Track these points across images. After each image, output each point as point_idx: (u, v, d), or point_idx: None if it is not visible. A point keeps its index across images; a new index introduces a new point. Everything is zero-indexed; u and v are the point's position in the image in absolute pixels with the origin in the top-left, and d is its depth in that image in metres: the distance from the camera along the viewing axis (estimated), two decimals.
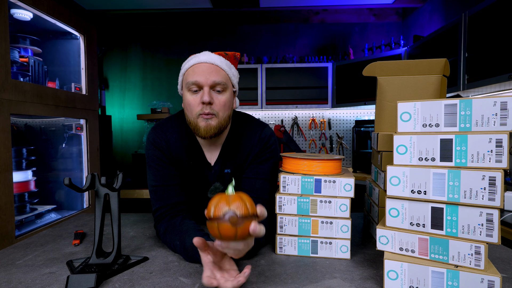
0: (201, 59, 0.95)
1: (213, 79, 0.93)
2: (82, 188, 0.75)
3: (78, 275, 0.69)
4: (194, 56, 0.97)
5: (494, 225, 0.61)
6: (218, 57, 0.97)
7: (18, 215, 1.68)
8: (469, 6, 2.37)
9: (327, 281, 0.72)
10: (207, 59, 0.95)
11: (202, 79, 0.93)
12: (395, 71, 1.04)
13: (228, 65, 0.98)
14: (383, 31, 3.60)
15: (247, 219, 0.59)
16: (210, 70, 0.94)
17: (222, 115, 0.96)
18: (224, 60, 0.98)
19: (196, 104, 0.94)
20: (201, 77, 0.93)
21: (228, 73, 0.98)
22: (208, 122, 0.94)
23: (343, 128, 3.58)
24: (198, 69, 0.94)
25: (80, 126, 2.13)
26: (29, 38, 1.87)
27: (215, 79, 0.93)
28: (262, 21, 3.66)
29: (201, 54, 0.97)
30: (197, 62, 0.95)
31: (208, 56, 0.95)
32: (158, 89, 3.71)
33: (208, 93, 0.92)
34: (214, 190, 1.05)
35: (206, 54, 0.96)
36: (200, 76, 0.93)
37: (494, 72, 1.69)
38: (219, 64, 0.96)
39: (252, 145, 1.04)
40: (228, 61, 1.00)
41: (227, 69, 0.97)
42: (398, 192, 0.69)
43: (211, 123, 0.94)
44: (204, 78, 0.93)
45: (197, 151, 1.05)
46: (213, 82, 0.93)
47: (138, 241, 0.99)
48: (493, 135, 0.60)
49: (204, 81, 0.92)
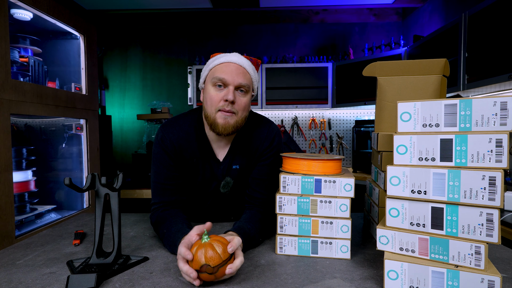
0: (232, 59, 0.99)
1: (240, 81, 0.97)
2: (82, 188, 0.75)
3: (79, 275, 0.69)
4: (224, 54, 1.01)
5: (494, 225, 0.61)
6: (247, 60, 1.02)
7: (18, 215, 1.68)
8: (469, 6, 2.37)
9: (327, 281, 0.72)
10: (238, 60, 0.99)
11: (230, 78, 0.97)
12: (395, 71, 1.04)
13: (253, 70, 1.03)
14: (383, 31, 3.60)
15: (221, 266, 0.69)
16: (238, 71, 0.98)
17: (241, 115, 1.00)
18: (251, 64, 1.03)
19: (218, 99, 0.98)
20: (229, 76, 0.97)
21: (253, 77, 1.03)
22: (227, 120, 0.98)
23: (343, 128, 3.58)
24: (227, 68, 0.98)
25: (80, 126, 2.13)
26: (29, 38, 1.87)
27: (242, 81, 0.98)
28: (262, 21, 3.66)
29: (231, 55, 1.01)
30: (227, 61, 0.99)
31: (238, 58, 1.00)
32: (158, 89, 3.71)
33: (232, 92, 0.96)
34: (226, 185, 1.09)
35: (237, 55, 1.01)
36: (228, 75, 0.97)
37: (494, 72, 1.69)
38: (247, 68, 1.00)
39: (260, 142, 1.09)
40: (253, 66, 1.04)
41: (252, 73, 1.02)
42: (398, 192, 0.69)
43: (229, 121, 0.98)
44: (232, 78, 0.97)
45: (206, 148, 1.08)
46: (239, 83, 0.97)
47: (138, 241, 0.99)
48: (493, 135, 0.60)
49: (231, 80, 0.97)
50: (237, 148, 1.08)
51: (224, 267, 0.69)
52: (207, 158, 1.08)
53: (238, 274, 0.76)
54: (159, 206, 1.04)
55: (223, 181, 1.10)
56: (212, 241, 0.72)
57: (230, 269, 0.69)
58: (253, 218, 0.97)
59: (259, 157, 1.09)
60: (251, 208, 1.04)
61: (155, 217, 1.01)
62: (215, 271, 0.68)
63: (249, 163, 1.10)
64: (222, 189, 1.11)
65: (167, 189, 1.04)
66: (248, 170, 1.11)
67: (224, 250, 0.71)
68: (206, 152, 1.07)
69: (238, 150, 1.09)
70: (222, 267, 0.69)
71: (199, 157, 1.07)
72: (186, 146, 1.06)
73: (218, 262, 0.69)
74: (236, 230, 0.88)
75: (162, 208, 1.03)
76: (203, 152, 1.07)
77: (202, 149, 1.07)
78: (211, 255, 0.69)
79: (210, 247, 0.70)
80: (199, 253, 0.69)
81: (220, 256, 0.69)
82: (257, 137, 1.09)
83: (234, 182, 1.11)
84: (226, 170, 1.09)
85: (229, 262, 0.71)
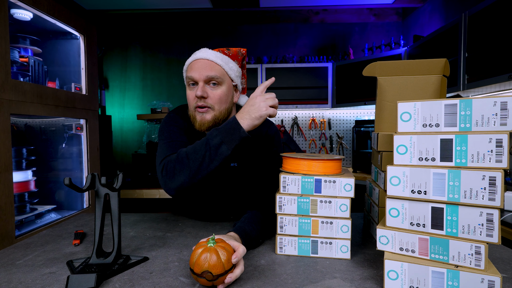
0: (197, 56, 1.01)
1: (206, 74, 0.98)
2: (82, 188, 0.75)
3: (78, 275, 0.69)
4: (193, 54, 1.03)
5: (494, 225, 0.61)
6: (213, 52, 1.02)
7: (18, 215, 1.68)
8: (469, 6, 2.37)
9: (327, 281, 0.72)
10: (202, 55, 1.00)
11: (196, 74, 0.98)
12: (395, 71, 1.04)
13: (224, 60, 1.02)
14: (383, 31, 3.60)
15: (222, 276, 0.68)
16: (205, 65, 0.99)
17: (218, 108, 1.00)
18: (221, 55, 1.02)
19: (192, 98, 1.00)
20: (196, 72, 0.98)
21: (224, 67, 1.02)
22: (203, 116, 0.99)
23: (343, 128, 3.58)
24: (194, 65, 1.00)
25: (80, 126, 2.13)
26: (29, 38, 1.87)
27: (208, 73, 0.98)
28: (262, 21, 3.66)
29: (198, 51, 1.02)
30: (194, 59, 1.01)
31: (203, 53, 1.01)
32: (158, 89, 3.71)
33: (201, 88, 0.97)
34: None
35: (202, 51, 1.02)
36: (195, 72, 0.98)
37: (494, 72, 1.69)
38: (214, 60, 1.00)
39: (259, 141, 1.09)
40: (226, 56, 1.04)
41: (222, 63, 1.01)
42: (398, 192, 0.69)
43: (205, 117, 0.99)
44: (198, 74, 0.98)
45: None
46: (206, 77, 0.98)
47: (138, 241, 0.99)
48: (493, 135, 0.60)
49: (198, 76, 0.98)
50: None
51: (224, 276, 0.68)
52: None
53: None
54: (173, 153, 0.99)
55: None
56: (218, 247, 0.70)
57: (230, 278, 0.68)
58: (254, 219, 0.97)
59: (259, 157, 1.09)
60: (251, 208, 1.04)
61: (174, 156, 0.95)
62: (214, 279, 0.67)
63: (248, 162, 1.10)
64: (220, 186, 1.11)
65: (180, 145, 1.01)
66: (247, 169, 1.11)
67: (229, 259, 0.69)
68: None
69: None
70: (222, 277, 0.68)
71: None
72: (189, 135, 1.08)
73: (220, 272, 0.67)
74: (238, 231, 0.87)
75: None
76: None
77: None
78: (215, 263, 0.67)
79: (215, 253, 0.68)
80: (203, 257, 0.68)
81: (223, 266, 0.68)
82: (255, 136, 1.09)
83: (233, 180, 1.11)
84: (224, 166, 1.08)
85: (230, 271, 0.69)
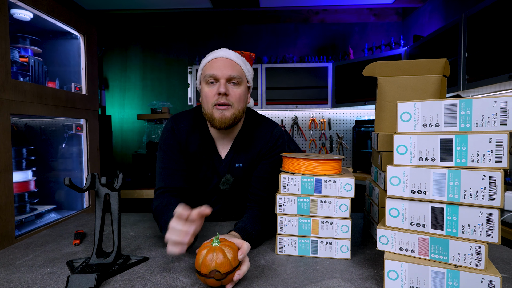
0: (219, 54, 1.02)
1: (229, 73, 0.99)
2: (82, 188, 0.75)
3: (78, 275, 0.69)
4: (213, 52, 1.04)
5: (494, 225, 0.61)
6: (234, 53, 1.04)
7: (18, 215, 1.68)
8: (469, 6, 2.37)
9: (327, 281, 0.72)
10: (224, 54, 1.02)
11: (219, 72, 0.99)
12: (395, 71, 1.04)
13: (243, 61, 1.05)
14: (383, 31, 3.60)
15: (230, 274, 0.68)
16: (227, 64, 1.00)
17: (237, 107, 1.02)
18: (240, 56, 1.05)
19: (212, 95, 1.00)
20: (218, 70, 0.99)
21: (243, 68, 1.04)
22: (223, 113, 1.00)
23: (343, 128, 3.58)
24: (215, 64, 1.01)
25: (80, 126, 2.13)
26: (29, 38, 1.87)
27: (231, 73, 1.00)
28: (262, 21, 3.66)
29: (219, 50, 1.04)
30: (215, 57, 1.02)
31: (225, 52, 1.02)
32: (158, 89, 3.71)
33: (224, 85, 0.99)
34: (225, 182, 1.10)
35: (224, 50, 1.03)
36: (217, 70, 0.99)
37: (494, 72, 1.69)
38: (235, 60, 1.02)
39: (264, 142, 1.10)
40: (244, 58, 1.06)
41: (242, 64, 1.04)
42: (398, 192, 0.69)
43: (226, 114, 1.00)
44: (221, 72, 0.99)
45: (209, 144, 1.10)
46: (229, 76, 0.99)
47: (138, 241, 0.99)
48: (493, 135, 0.60)
49: (221, 74, 0.99)
50: (239, 145, 1.10)
51: (233, 274, 0.68)
52: (210, 154, 1.10)
53: None
54: (164, 190, 1.05)
55: (223, 178, 1.11)
56: (223, 245, 0.70)
57: (238, 275, 0.68)
58: (255, 218, 0.97)
59: (263, 157, 1.10)
60: (252, 208, 1.04)
61: (159, 200, 1.01)
62: (223, 278, 0.67)
63: (252, 163, 1.11)
64: (222, 186, 1.12)
65: (173, 174, 1.06)
66: (251, 169, 1.12)
67: (235, 256, 0.69)
68: (209, 148, 1.10)
69: (241, 148, 1.10)
70: (230, 274, 0.68)
71: (202, 152, 1.10)
72: (191, 140, 1.09)
73: (228, 269, 0.67)
74: (239, 231, 0.88)
75: (168, 193, 1.04)
76: (206, 148, 1.10)
77: (205, 145, 1.09)
78: (222, 261, 0.67)
79: (221, 252, 0.68)
80: (209, 257, 0.67)
81: (230, 263, 0.67)
82: (260, 137, 1.10)
83: (236, 180, 1.12)
84: (228, 167, 1.11)
85: (237, 268, 0.69)
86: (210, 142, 1.10)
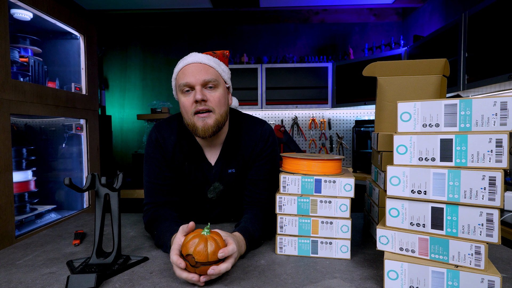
0: (188, 60, 0.98)
1: (203, 78, 0.95)
2: (82, 188, 0.75)
3: (78, 275, 0.69)
4: (182, 59, 1.00)
5: (494, 225, 0.61)
6: (205, 56, 0.99)
7: (18, 215, 1.68)
8: (469, 6, 2.37)
9: (327, 281, 0.72)
10: (194, 60, 0.97)
11: (192, 79, 0.95)
12: (395, 71, 1.04)
13: (216, 62, 1.01)
14: (383, 31, 3.60)
15: (204, 265, 0.69)
16: (199, 69, 0.96)
17: (219, 111, 0.98)
18: (212, 58, 1.01)
19: (190, 103, 0.96)
20: (191, 77, 0.95)
21: (218, 70, 1.00)
22: (205, 121, 0.96)
23: (343, 128, 3.58)
24: (187, 71, 0.97)
25: (80, 126, 2.13)
26: (29, 38, 1.87)
27: (205, 77, 0.96)
28: (262, 21, 3.66)
29: (188, 56, 0.99)
30: (185, 64, 0.98)
31: (194, 57, 0.98)
32: (158, 89, 3.71)
33: (200, 91, 0.95)
34: (213, 190, 1.07)
35: (193, 55, 0.99)
36: (190, 77, 0.95)
37: (494, 72, 1.69)
38: (207, 62, 0.98)
39: (254, 142, 1.07)
40: (216, 59, 1.02)
41: (215, 66, 1.00)
42: (398, 192, 0.69)
43: (208, 122, 0.96)
44: (194, 78, 0.95)
45: (197, 152, 1.06)
46: (203, 80, 0.95)
47: (138, 241, 0.99)
48: (493, 135, 0.60)
49: (195, 80, 0.95)
50: (228, 150, 1.06)
51: (207, 267, 0.69)
52: (199, 162, 1.06)
53: (238, 274, 0.76)
54: (151, 206, 1.04)
55: (211, 186, 1.08)
56: (209, 238, 0.71)
57: (213, 270, 0.68)
58: (255, 219, 0.96)
59: (256, 158, 1.07)
60: (251, 208, 1.03)
61: (147, 217, 1.01)
62: (197, 266, 0.68)
63: (245, 166, 1.08)
64: (209, 194, 1.08)
65: (159, 189, 1.04)
66: (244, 173, 1.08)
67: (215, 252, 0.70)
68: (197, 156, 1.06)
69: (231, 153, 1.06)
70: (205, 266, 0.69)
71: (190, 160, 1.06)
72: (178, 150, 1.06)
73: (203, 260, 0.68)
74: (241, 231, 0.87)
75: (154, 208, 1.03)
76: (194, 156, 1.06)
77: (193, 153, 1.06)
78: (200, 250, 0.69)
79: (203, 242, 0.70)
80: (192, 242, 0.70)
81: (207, 256, 0.69)
82: (250, 138, 1.07)
83: (228, 186, 1.09)
84: (219, 174, 1.07)
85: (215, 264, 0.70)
86: (198, 150, 1.06)
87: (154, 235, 0.94)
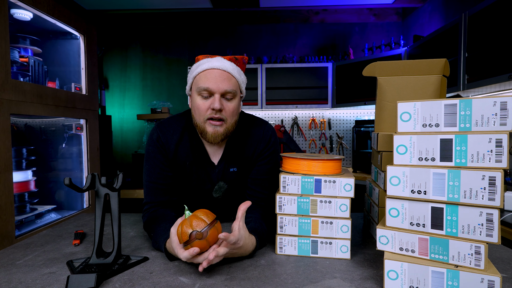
0: (214, 65, 0.95)
1: (225, 88, 0.95)
2: (82, 188, 0.75)
3: (78, 275, 0.69)
4: (207, 60, 0.97)
5: (494, 225, 0.61)
6: (230, 64, 0.98)
7: (18, 215, 1.68)
8: (469, 6, 2.37)
9: (327, 281, 0.72)
10: (220, 66, 0.95)
11: (214, 86, 0.94)
12: (395, 71, 1.04)
13: (239, 72, 1.00)
14: (383, 31, 3.60)
15: (210, 228, 0.73)
16: (223, 77, 0.95)
17: (230, 121, 0.99)
18: (236, 67, 0.99)
19: (205, 108, 0.96)
20: (213, 84, 0.94)
21: (239, 80, 1.00)
22: (216, 129, 0.96)
23: (343, 128, 3.58)
24: (210, 75, 0.95)
25: (80, 126, 2.13)
26: (29, 38, 1.87)
27: (227, 88, 0.95)
28: (262, 21, 3.66)
29: (214, 60, 0.97)
30: (209, 68, 0.95)
31: (221, 63, 0.96)
32: (158, 89, 3.71)
33: (218, 100, 0.94)
34: (219, 190, 1.08)
35: (220, 61, 0.97)
36: (212, 83, 0.94)
37: (494, 72, 1.69)
38: (231, 72, 0.97)
39: (257, 143, 1.07)
40: (238, 67, 1.01)
41: (238, 76, 0.99)
42: (398, 192, 0.69)
43: (218, 130, 0.97)
44: (216, 86, 0.94)
45: (200, 151, 1.06)
46: (225, 90, 0.95)
47: (138, 241, 0.99)
48: (493, 135, 0.60)
49: (216, 88, 0.94)
50: (231, 150, 1.07)
51: (214, 230, 0.73)
52: (202, 161, 1.06)
53: (238, 274, 0.76)
54: (151, 206, 1.03)
55: (216, 185, 1.08)
56: (193, 215, 0.76)
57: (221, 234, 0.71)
58: (260, 219, 0.96)
59: (257, 158, 1.08)
60: (254, 208, 1.03)
61: (146, 217, 1.01)
62: (205, 235, 0.71)
63: (247, 165, 1.09)
64: (214, 194, 1.08)
65: (159, 188, 1.04)
66: (246, 172, 1.09)
67: (207, 216, 0.74)
68: (200, 155, 1.06)
69: (233, 152, 1.07)
70: (212, 230, 0.72)
71: (193, 160, 1.06)
72: (181, 150, 1.05)
73: (205, 225, 0.72)
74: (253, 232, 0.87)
75: (153, 208, 1.03)
76: (197, 155, 1.06)
77: (196, 152, 1.05)
78: (196, 223, 0.72)
79: (194, 218, 0.74)
80: (185, 227, 0.73)
81: (205, 221, 0.73)
82: (252, 138, 1.08)
83: (232, 185, 1.09)
84: (222, 173, 1.07)
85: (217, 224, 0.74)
86: (201, 149, 1.06)
87: (151, 236, 0.95)
